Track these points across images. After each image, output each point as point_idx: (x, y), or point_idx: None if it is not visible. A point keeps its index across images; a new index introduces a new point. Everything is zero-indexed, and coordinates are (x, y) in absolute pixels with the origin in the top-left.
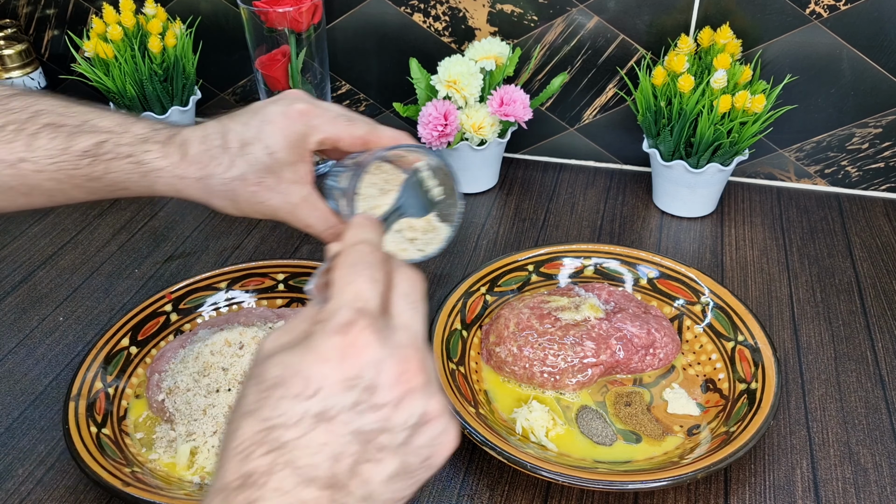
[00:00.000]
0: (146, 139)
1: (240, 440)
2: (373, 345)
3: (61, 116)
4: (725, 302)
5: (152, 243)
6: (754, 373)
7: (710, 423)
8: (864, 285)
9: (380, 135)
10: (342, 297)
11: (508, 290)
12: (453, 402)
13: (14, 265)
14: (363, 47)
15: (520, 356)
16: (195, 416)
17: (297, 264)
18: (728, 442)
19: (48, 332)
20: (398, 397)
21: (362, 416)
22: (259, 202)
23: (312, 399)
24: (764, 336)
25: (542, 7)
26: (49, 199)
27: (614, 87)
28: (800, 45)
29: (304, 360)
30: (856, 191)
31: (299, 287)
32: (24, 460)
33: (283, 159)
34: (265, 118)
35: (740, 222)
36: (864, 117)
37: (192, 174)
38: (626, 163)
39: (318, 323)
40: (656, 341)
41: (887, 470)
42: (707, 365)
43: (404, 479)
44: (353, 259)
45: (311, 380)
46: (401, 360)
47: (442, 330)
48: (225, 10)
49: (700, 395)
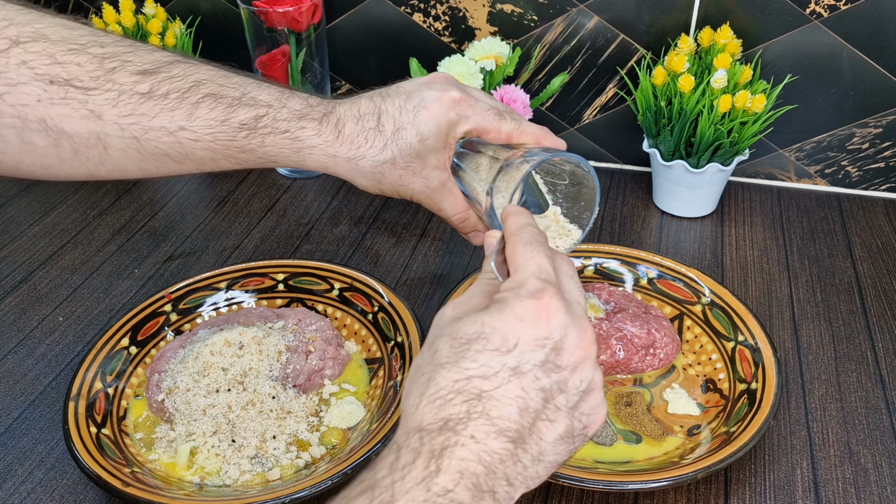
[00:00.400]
0: (303, 115)
1: (437, 387)
2: (562, 310)
3: (221, 87)
4: (726, 302)
5: (152, 243)
6: (754, 373)
7: (710, 424)
8: (865, 285)
9: (523, 130)
10: (528, 269)
11: None
12: None
13: (14, 265)
14: (363, 47)
15: None
16: (195, 416)
17: (296, 264)
18: (728, 442)
19: (48, 332)
20: (576, 362)
21: (548, 375)
22: (402, 185)
23: (509, 354)
24: (764, 336)
25: (542, 7)
26: (198, 167)
27: (614, 87)
28: (800, 45)
29: (501, 318)
30: (856, 191)
31: (299, 287)
32: (24, 460)
33: (431, 146)
34: (420, 103)
35: (740, 222)
36: (864, 117)
37: (344, 153)
38: (626, 163)
39: (510, 290)
40: (656, 341)
41: (887, 470)
42: (707, 365)
43: (566, 442)
44: (527, 238)
45: (508, 336)
46: (581, 329)
47: None
48: (225, 10)
49: (700, 396)
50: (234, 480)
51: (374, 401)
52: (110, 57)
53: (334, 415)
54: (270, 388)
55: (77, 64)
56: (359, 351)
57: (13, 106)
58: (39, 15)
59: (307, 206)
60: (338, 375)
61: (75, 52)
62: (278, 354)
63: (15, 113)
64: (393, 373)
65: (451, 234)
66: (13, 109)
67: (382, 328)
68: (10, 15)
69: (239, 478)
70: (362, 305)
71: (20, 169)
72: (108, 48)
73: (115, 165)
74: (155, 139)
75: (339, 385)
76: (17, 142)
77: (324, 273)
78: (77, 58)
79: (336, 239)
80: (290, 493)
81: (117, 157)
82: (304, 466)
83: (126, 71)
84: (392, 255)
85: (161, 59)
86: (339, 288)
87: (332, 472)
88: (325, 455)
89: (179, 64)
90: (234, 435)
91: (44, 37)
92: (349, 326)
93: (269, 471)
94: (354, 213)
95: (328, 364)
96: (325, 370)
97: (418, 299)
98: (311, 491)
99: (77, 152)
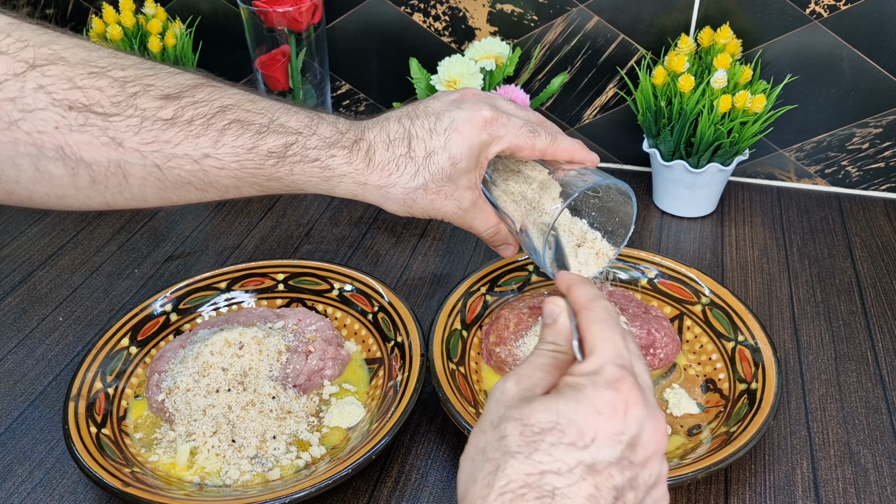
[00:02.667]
0: (333, 143)
1: (508, 479)
2: (640, 403)
3: (248, 113)
4: (725, 302)
5: (152, 243)
6: (754, 373)
7: (710, 424)
8: (865, 285)
9: (558, 146)
10: (605, 354)
11: (508, 290)
12: (453, 403)
13: (14, 265)
14: (363, 47)
15: (520, 357)
16: (195, 416)
17: (296, 264)
18: (728, 442)
19: (48, 332)
20: (649, 457)
21: (622, 472)
22: (434, 208)
23: (586, 450)
24: (764, 336)
25: (542, 7)
26: (221, 195)
27: (614, 87)
28: (800, 45)
29: (578, 409)
30: (856, 191)
31: (299, 287)
32: (24, 460)
33: (463, 168)
34: (451, 125)
35: (740, 222)
36: (864, 117)
37: (375, 181)
38: (626, 163)
39: (586, 377)
40: (657, 341)
41: (887, 470)
42: (707, 365)
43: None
44: (602, 315)
45: (585, 430)
46: (656, 420)
47: (442, 330)
48: (225, 9)
49: (700, 395)
50: (234, 480)
51: (375, 401)
52: (132, 80)
53: (334, 415)
54: (270, 389)
55: (98, 88)
56: (359, 351)
57: (29, 133)
58: (56, 35)
59: (307, 206)
60: (338, 375)
61: (95, 76)
62: (278, 354)
63: (31, 140)
64: (393, 373)
65: (451, 234)
66: (29, 137)
67: (382, 328)
68: (25, 35)
69: (239, 478)
70: (362, 305)
71: (33, 199)
72: (129, 71)
73: (135, 195)
74: (178, 167)
75: (339, 385)
76: (32, 170)
77: (324, 273)
78: (97, 81)
79: (336, 239)
80: (290, 493)
81: (137, 186)
82: (305, 466)
83: (148, 95)
84: (392, 255)
85: (184, 82)
86: (339, 288)
87: (332, 471)
88: (325, 455)
89: (203, 87)
90: (234, 435)
91: (62, 59)
92: (349, 326)
93: (269, 471)
94: (354, 213)
95: (328, 364)
96: (325, 370)
97: (418, 299)
98: (311, 491)
99: (95, 181)
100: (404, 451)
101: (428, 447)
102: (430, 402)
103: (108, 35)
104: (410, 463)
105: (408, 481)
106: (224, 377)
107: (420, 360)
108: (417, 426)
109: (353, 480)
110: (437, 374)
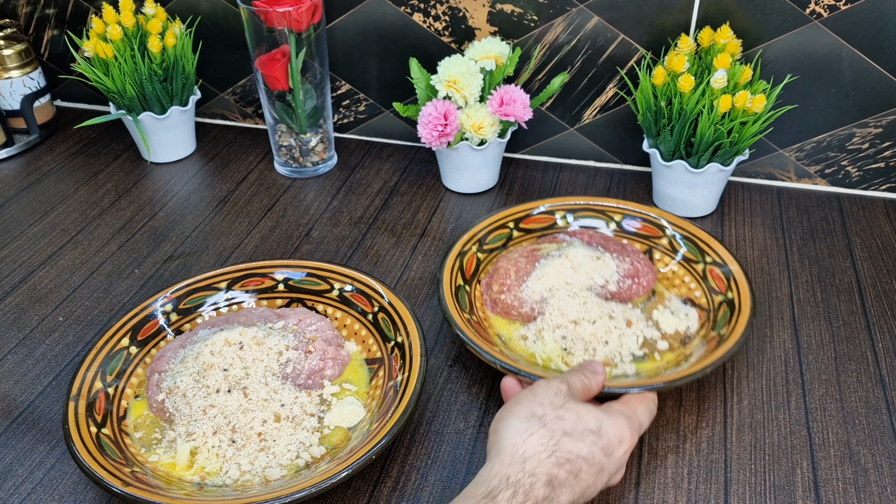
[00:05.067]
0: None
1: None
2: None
3: None
4: (689, 231)
5: (152, 243)
6: (728, 285)
7: (699, 332)
8: (865, 285)
9: None
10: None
11: (496, 246)
12: (480, 345)
13: (14, 265)
14: (363, 47)
15: (525, 300)
16: (195, 416)
17: (297, 264)
18: (722, 342)
19: (48, 332)
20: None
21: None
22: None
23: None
24: (730, 255)
25: (542, 7)
26: None
27: (614, 87)
28: (800, 45)
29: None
30: (856, 191)
31: (299, 287)
32: (24, 460)
33: None
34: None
35: (740, 222)
36: (864, 117)
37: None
38: (626, 163)
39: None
40: (639, 271)
41: (887, 470)
42: (682, 287)
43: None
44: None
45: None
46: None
47: (449, 286)
48: (225, 9)
49: (683, 310)
50: (235, 480)
51: (375, 401)
52: None
53: (335, 415)
54: (271, 388)
55: None
56: (359, 351)
57: None
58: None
59: (307, 206)
60: (338, 375)
61: None
62: (279, 354)
63: None
64: (393, 373)
65: (451, 234)
66: None
67: (382, 328)
68: None
69: (239, 478)
70: (362, 306)
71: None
72: None
73: None
74: None
75: (339, 385)
76: None
77: (324, 273)
78: None
79: (336, 239)
80: (290, 493)
81: None
82: (305, 466)
83: None
84: (392, 255)
85: None
86: (339, 288)
87: (333, 472)
88: (325, 455)
89: None
90: (235, 435)
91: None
92: (349, 327)
93: (269, 470)
94: (354, 213)
95: (328, 364)
96: (325, 370)
97: (418, 299)
98: (312, 491)
99: None
100: (404, 451)
101: (428, 447)
102: (430, 402)
103: (108, 35)
104: (410, 463)
105: (408, 481)
106: (224, 377)
107: (420, 361)
108: (417, 426)
109: (353, 480)
110: (458, 324)
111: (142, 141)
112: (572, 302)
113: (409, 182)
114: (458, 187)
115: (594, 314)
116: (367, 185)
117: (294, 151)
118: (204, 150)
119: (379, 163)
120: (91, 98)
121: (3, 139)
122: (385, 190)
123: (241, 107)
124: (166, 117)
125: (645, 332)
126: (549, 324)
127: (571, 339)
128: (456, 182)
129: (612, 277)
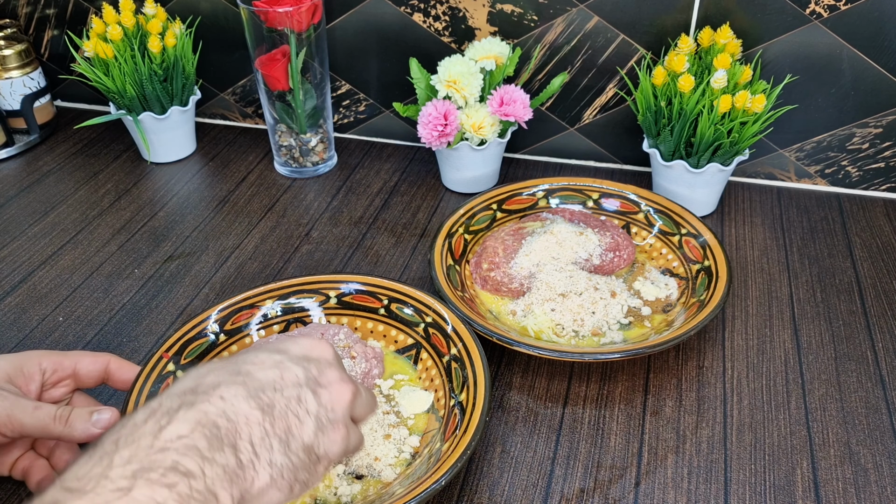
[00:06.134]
0: None
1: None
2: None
3: None
4: (663, 206)
5: (152, 243)
6: (703, 254)
7: (679, 300)
8: (865, 285)
9: None
10: None
11: (481, 227)
12: (477, 320)
13: (14, 265)
14: (363, 47)
15: (515, 276)
16: None
17: (299, 282)
18: (704, 306)
19: (48, 332)
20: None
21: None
22: None
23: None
24: (703, 226)
25: (542, 7)
26: None
27: (614, 87)
28: (800, 45)
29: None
30: (856, 191)
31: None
32: None
33: None
34: None
35: (740, 222)
36: (864, 117)
37: None
38: (626, 163)
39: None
40: (619, 244)
41: (887, 470)
42: (660, 258)
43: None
44: None
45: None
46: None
47: (440, 266)
48: (225, 9)
49: (662, 281)
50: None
51: (436, 380)
52: None
53: (406, 405)
54: None
55: None
56: (383, 345)
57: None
58: None
59: (307, 206)
60: (384, 371)
61: None
62: None
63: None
64: (441, 349)
65: None
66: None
67: (402, 317)
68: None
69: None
70: (368, 304)
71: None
72: None
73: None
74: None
75: (391, 378)
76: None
77: (315, 285)
78: None
79: (336, 239)
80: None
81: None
82: (411, 457)
83: None
84: (392, 255)
85: None
86: (336, 295)
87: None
88: (421, 442)
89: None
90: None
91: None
92: (361, 328)
93: (380, 473)
94: (354, 213)
95: (373, 364)
96: (373, 370)
97: None
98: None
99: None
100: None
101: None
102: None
103: (109, 35)
104: None
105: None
106: None
107: (468, 330)
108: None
109: None
110: (453, 301)
111: (142, 141)
112: (559, 276)
113: (409, 182)
114: (458, 187)
115: (580, 286)
116: (367, 185)
117: (294, 151)
118: (204, 150)
119: (379, 163)
120: (91, 98)
121: (3, 139)
122: (385, 190)
123: (241, 107)
124: (166, 117)
125: (629, 302)
126: (539, 297)
127: (560, 311)
128: (456, 182)
129: (595, 251)
